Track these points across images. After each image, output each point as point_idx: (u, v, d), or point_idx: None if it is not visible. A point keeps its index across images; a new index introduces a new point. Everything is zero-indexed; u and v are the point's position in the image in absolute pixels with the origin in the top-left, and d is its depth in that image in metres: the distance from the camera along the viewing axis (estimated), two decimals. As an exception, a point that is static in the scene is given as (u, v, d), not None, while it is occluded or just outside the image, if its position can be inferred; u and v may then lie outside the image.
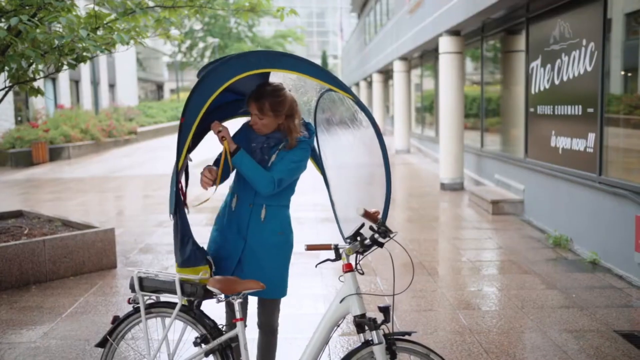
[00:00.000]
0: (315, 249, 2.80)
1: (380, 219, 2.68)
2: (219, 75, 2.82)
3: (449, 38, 11.59)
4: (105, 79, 35.95)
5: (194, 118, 2.84)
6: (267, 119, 3.07)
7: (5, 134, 20.05)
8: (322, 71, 2.84)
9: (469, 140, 12.62)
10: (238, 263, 3.14)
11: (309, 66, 2.83)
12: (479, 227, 8.55)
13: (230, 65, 2.82)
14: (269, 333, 3.26)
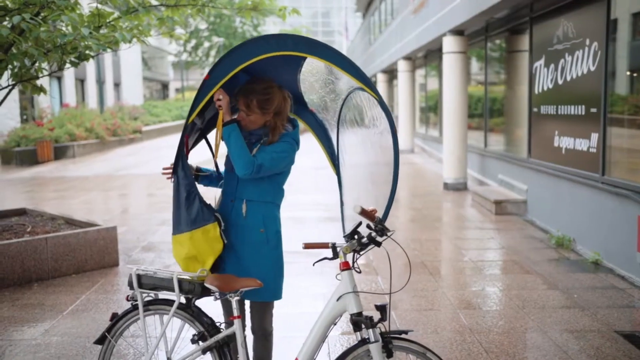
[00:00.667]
0: (313, 247, 2.80)
1: (377, 218, 2.68)
2: (256, 48, 2.82)
3: (452, 38, 11.57)
4: (110, 78, 36.05)
5: (218, 80, 2.85)
6: (254, 115, 3.06)
7: (11, 133, 20.13)
8: (353, 67, 2.82)
9: (473, 140, 12.60)
10: (220, 260, 3.08)
11: (342, 59, 2.82)
12: (482, 227, 8.53)
13: (268, 42, 2.82)
14: (261, 337, 3.21)
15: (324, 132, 3.40)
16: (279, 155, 3.04)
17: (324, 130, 3.40)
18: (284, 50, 2.82)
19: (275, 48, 2.82)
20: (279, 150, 3.05)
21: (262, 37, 2.84)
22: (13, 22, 5.56)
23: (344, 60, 2.82)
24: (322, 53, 2.82)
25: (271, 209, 3.16)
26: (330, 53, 2.82)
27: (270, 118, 3.09)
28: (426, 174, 14.72)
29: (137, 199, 12.09)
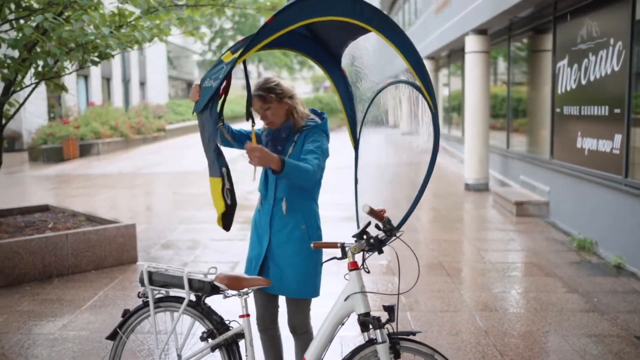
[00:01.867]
0: (322, 246, 2.80)
1: (386, 218, 2.66)
2: (332, 6, 2.61)
3: (475, 37, 11.47)
4: (136, 76, 36.46)
5: (282, 27, 2.58)
6: (273, 105, 3.11)
7: (38, 130, 20.48)
8: (419, 63, 2.70)
9: (495, 141, 12.47)
10: (265, 260, 3.15)
11: (411, 52, 2.69)
12: (502, 228, 8.44)
13: (346, 3, 2.61)
14: (293, 333, 3.26)
15: (349, 97, 3.36)
16: (321, 147, 3.06)
17: (349, 95, 3.36)
18: (357, 19, 2.63)
19: (351, 14, 2.63)
20: (319, 142, 3.08)
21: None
22: (36, 21, 5.66)
23: (414, 53, 2.69)
24: (393, 37, 2.66)
25: (310, 205, 3.19)
26: (399, 39, 2.67)
27: (288, 104, 3.13)
28: (447, 175, 14.61)
29: (159, 196, 12.21)
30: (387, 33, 2.67)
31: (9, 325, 4.86)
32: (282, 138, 3.15)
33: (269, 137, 3.20)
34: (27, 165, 18.52)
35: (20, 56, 6.08)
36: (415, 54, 2.71)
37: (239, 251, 6.93)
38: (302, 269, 3.11)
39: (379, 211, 2.70)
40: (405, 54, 2.69)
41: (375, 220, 2.69)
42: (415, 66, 2.71)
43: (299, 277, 3.12)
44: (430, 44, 17.70)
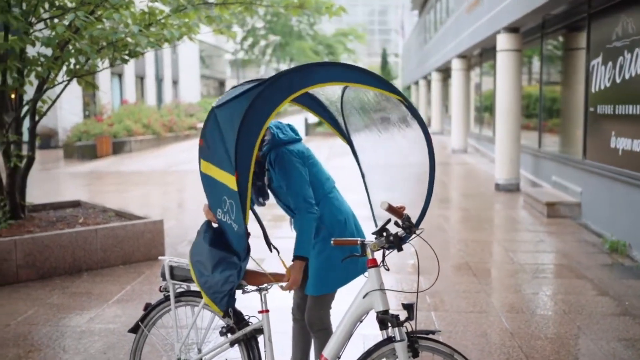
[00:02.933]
0: (342, 243, 2.78)
1: (405, 215, 2.63)
2: (259, 112, 2.58)
3: (506, 35, 11.31)
4: (169, 75, 36.94)
5: (248, 170, 2.65)
6: None
7: (73, 128, 20.89)
8: (374, 77, 2.64)
9: (527, 141, 12.28)
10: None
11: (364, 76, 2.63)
12: (532, 229, 8.30)
13: (265, 98, 2.57)
14: (310, 329, 3.26)
15: (323, 109, 3.33)
16: (296, 176, 3.01)
17: (318, 103, 3.32)
18: (284, 99, 2.60)
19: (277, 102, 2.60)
20: (288, 181, 3.02)
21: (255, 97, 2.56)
22: (68, 20, 5.76)
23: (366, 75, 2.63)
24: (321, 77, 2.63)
25: (323, 206, 3.15)
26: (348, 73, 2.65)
27: None
28: (478, 174, 14.45)
29: (189, 194, 12.34)
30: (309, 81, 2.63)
31: (39, 317, 4.96)
32: (256, 173, 3.10)
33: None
34: (62, 162, 18.90)
35: (53, 54, 6.21)
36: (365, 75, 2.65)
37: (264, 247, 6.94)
38: (317, 265, 3.12)
39: (398, 208, 2.67)
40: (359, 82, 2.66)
41: (394, 218, 2.66)
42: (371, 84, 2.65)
43: (313, 274, 3.13)
44: (461, 42, 17.52)
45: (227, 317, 2.82)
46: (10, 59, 6.29)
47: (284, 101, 2.58)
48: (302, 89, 2.62)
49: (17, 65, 6.30)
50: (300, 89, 2.61)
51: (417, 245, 2.80)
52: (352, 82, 2.68)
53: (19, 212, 6.67)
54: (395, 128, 2.94)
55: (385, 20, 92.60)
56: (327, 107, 3.30)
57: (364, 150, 3.27)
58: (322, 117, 3.34)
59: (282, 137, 3.08)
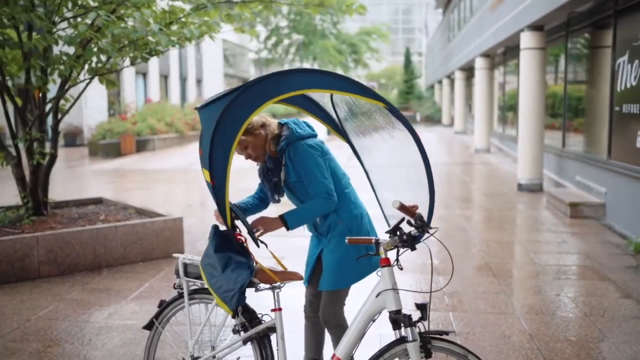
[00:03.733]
0: (357, 242, 2.76)
1: (418, 214, 2.60)
2: (234, 117, 2.59)
3: (530, 33, 11.16)
4: (193, 74, 37.21)
5: (224, 174, 2.67)
6: (249, 142, 3.09)
7: (97, 126, 21.15)
8: (347, 83, 2.59)
9: (551, 140, 12.11)
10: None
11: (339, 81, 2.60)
12: (554, 230, 8.18)
13: (240, 104, 2.57)
14: (325, 325, 3.26)
15: (318, 109, 3.30)
16: (316, 167, 3.02)
17: (318, 107, 3.29)
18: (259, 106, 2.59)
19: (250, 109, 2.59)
20: (306, 170, 3.03)
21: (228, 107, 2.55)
22: (90, 18, 5.83)
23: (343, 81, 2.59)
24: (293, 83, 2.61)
25: (340, 201, 3.14)
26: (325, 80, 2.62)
27: (262, 134, 3.11)
28: (500, 174, 14.29)
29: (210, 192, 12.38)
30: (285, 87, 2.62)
31: (59, 312, 5.02)
32: (271, 169, 3.15)
33: (262, 175, 3.23)
34: (87, 160, 19.15)
35: (75, 53, 6.28)
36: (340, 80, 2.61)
37: (285, 246, 6.94)
38: (332, 261, 3.12)
39: (411, 207, 2.64)
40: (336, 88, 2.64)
41: (406, 217, 2.63)
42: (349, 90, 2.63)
43: (328, 270, 3.13)
44: (485, 41, 17.35)
45: (237, 316, 2.82)
46: (33, 57, 6.38)
47: (259, 108, 2.57)
48: (277, 96, 2.62)
49: (41, 64, 6.39)
50: (275, 96, 2.61)
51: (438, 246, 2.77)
52: (329, 89, 2.67)
53: (41, 208, 6.76)
54: (384, 130, 2.90)
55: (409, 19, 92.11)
56: (322, 107, 3.28)
57: (365, 150, 3.23)
58: (319, 117, 3.31)
59: (300, 131, 3.11)
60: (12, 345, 4.34)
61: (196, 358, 3.04)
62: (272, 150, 3.13)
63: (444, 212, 9.46)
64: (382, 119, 2.84)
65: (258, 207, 3.32)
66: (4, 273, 5.76)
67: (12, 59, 6.68)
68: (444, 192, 11.63)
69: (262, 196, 3.34)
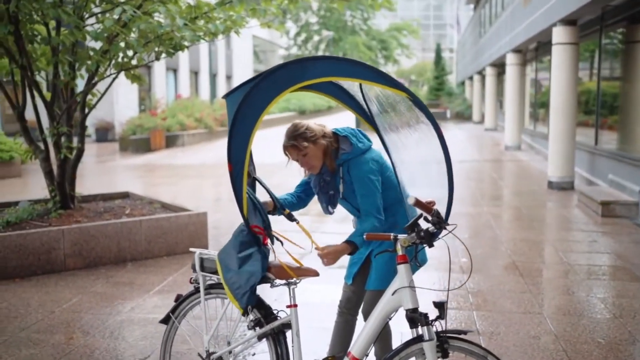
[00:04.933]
0: (375, 238, 2.71)
1: (435, 210, 2.53)
2: (255, 104, 2.58)
3: (563, 28, 10.91)
4: (223, 70, 37.43)
5: (242, 162, 2.65)
6: (308, 149, 3.01)
7: (128, 122, 21.41)
8: (379, 73, 2.58)
9: (583, 137, 11.84)
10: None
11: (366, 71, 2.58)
12: (585, 229, 7.99)
13: (262, 89, 2.57)
14: (364, 319, 3.22)
15: (348, 97, 3.23)
16: (372, 185, 2.98)
17: (348, 95, 3.23)
18: (281, 91, 2.59)
19: (272, 93, 2.59)
20: (361, 184, 2.99)
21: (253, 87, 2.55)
22: (116, 14, 5.86)
23: (368, 70, 2.57)
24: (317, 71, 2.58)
25: (398, 207, 3.11)
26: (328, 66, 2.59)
27: (323, 144, 3.03)
28: (531, 172, 14.03)
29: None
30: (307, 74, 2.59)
31: (82, 305, 5.07)
32: (328, 181, 3.10)
33: (317, 186, 3.17)
34: (118, 155, 19.41)
35: (101, 48, 6.33)
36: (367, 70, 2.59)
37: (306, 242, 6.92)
38: (383, 262, 3.06)
39: (428, 203, 2.57)
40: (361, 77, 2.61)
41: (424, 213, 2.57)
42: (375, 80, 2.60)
43: (378, 270, 3.09)
44: (516, 36, 17.05)
45: (247, 315, 2.80)
46: (61, 52, 6.45)
47: (280, 95, 2.55)
48: (301, 82, 2.58)
49: (69, 59, 6.46)
50: (299, 82, 2.57)
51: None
52: (354, 77, 2.61)
53: (68, 202, 6.84)
54: (409, 124, 2.82)
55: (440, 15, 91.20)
56: (352, 95, 3.21)
57: (393, 146, 3.15)
58: (349, 105, 3.23)
59: (361, 146, 3.06)
60: (36, 337, 4.39)
61: (212, 353, 3.02)
62: (332, 165, 3.08)
63: (472, 210, 9.32)
64: (407, 112, 2.78)
65: (295, 206, 3.30)
66: (30, 265, 5.84)
67: (42, 54, 6.78)
68: (473, 190, 11.47)
69: (301, 195, 3.32)
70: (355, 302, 3.31)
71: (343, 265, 3.35)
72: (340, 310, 3.37)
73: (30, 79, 6.48)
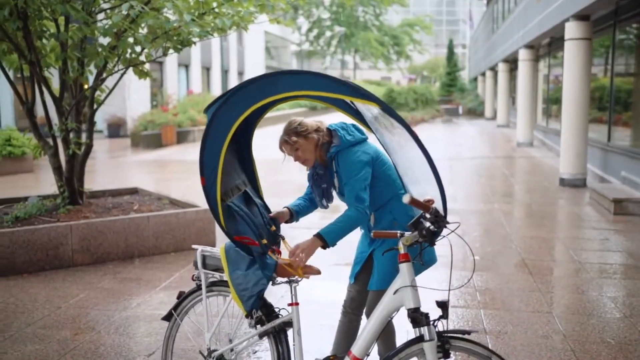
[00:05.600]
0: (382, 236, 2.67)
1: (433, 209, 2.48)
2: (225, 118, 2.64)
3: (575, 23, 10.77)
4: (234, 66, 37.46)
5: (215, 174, 2.70)
6: (300, 144, 3.05)
7: (139, 118, 21.48)
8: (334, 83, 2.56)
9: (596, 134, 11.70)
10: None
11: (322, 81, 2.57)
12: (597, 227, 7.89)
13: (232, 103, 2.62)
14: (367, 318, 3.19)
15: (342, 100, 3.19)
16: (355, 174, 2.97)
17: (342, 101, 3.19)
18: (250, 106, 2.63)
19: (242, 107, 2.63)
20: (352, 170, 2.99)
21: (224, 102, 2.62)
22: (123, 9, 5.86)
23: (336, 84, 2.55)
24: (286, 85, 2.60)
25: (396, 203, 3.09)
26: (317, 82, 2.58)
27: (314, 138, 3.07)
28: (542, 169, 13.91)
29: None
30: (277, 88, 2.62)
31: (89, 301, 5.08)
32: (321, 175, 3.13)
33: (310, 180, 3.20)
34: (129, 151, 19.48)
35: (109, 44, 6.33)
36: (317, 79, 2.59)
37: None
38: (385, 262, 3.03)
39: (427, 201, 2.53)
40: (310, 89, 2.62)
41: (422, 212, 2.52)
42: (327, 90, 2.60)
43: (380, 270, 3.06)
44: (529, 31, 16.89)
45: (251, 318, 2.79)
46: (70, 48, 6.45)
47: (249, 109, 2.60)
48: (268, 97, 2.61)
49: (77, 55, 6.46)
50: (266, 98, 2.61)
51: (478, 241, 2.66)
52: (321, 90, 2.61)
53: (77, 198, 6.86)
54: (388, 128, 2.78)
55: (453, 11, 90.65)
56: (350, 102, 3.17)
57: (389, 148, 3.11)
58: (349, 112, 3.19)
59: (349, 138, 3.07)
60: (42, 332, 4.40)
61: (213, 351, 3.00)
62: (322, 158, 3.10)
63: (482, 207, 9.25)
64: (383, 119, 2.75)
65: (309, 209, 3.31)
66: (39, 261, 5.86)
67: (52, 49, 6.79)
68: (484, 187, 11.38)
69: (312, 197, 3.31)
70: (359, 302, 3.28)
71: (348, 263, 3.32)
72: (344, 310, 3.35)
73: (39, 75, 6.49)
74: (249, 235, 2.83)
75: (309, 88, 2.62)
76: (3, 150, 13.36)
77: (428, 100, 35.61)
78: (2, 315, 4.76)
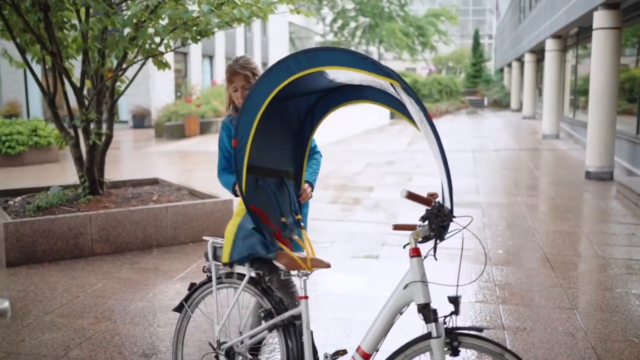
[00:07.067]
0: (402, 228, 2.61)
1: (436, 203, 2.41)
2: (262, 89, 2.68)
3: (604, 12, 10.51)
4: (258, 57, 37.46)
5: (246, 138, 2.73)
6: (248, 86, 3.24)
7: (163, 108, 21.62)
8: (360, 59, 2.48)
9: (625, 126, 11.43)
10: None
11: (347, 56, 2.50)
12: (623, 221, 7.71)
13: (270, 77, 2.65)
14: None
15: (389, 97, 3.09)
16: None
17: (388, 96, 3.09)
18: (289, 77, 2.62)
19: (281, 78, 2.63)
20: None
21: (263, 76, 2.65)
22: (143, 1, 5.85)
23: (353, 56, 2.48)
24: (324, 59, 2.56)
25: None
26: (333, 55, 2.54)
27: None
28: (568, 161, 13.66)
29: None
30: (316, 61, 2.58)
31: (106, 290, 5.11)
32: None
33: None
34: (153, 141, 19.62)
35: (128, 35, 6.33)
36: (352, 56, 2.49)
37: (334, 230, 6.83)
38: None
39: (430, 195, 2.45)
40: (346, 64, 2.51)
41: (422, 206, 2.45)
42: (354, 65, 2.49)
43: None
44: (556, 21, 16.56)
45: (229, 266, 2.90)
46: (90, 39, 6.48)
47: (286, 80, 2.62)
48: (304, 70, 2.58)
49: (98, 46, 6.49)
50: (302, 70, 2.58)
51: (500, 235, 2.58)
52: (354, 67, 2.53)
53: (97, 188, 6.91)
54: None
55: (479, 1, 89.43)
56: (390, 93, 3.09)
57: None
58: (393, 107, 3.11)
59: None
60: (59, 321, 4.44)
61: (222, 343, 2.98)
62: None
63: (505, 200, 9.11)
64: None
65: (313, 168, 3.46)
66: (59, 250, 5.92)
67: (73, 40, 6.82)
68: (508, 180, 11.22)
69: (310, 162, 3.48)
70: None
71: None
72: None
73: (60, 66, 6.53)
74: (267, 213, 2.82)
75: (340, 64, 2.55)
76: (30, 140, 13.56)
77: (452, 92, 35.26)
78: (21, 303, 4.82)
